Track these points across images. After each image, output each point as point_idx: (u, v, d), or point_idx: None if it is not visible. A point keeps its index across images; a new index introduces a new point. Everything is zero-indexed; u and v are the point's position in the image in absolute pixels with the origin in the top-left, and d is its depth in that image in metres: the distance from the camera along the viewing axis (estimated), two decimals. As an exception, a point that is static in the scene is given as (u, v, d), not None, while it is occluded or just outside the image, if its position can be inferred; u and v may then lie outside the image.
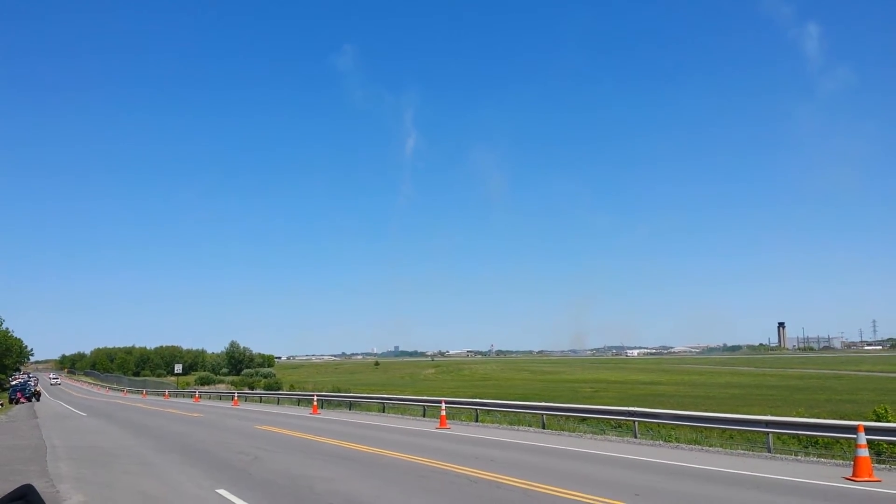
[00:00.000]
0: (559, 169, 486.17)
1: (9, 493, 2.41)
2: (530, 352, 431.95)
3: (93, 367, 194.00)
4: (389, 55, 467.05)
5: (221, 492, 11.17)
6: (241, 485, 11.85)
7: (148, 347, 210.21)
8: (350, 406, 37.06)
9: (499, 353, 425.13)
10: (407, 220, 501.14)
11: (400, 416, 30.93)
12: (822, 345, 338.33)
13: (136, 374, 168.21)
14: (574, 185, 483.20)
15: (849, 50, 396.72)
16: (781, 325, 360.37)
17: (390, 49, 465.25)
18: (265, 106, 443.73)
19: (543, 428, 23.30)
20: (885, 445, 16.23)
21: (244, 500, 10.42)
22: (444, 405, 25.83)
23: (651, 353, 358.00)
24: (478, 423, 26.12)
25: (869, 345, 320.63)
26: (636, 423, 20.34)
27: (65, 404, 54.17)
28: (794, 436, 18.17)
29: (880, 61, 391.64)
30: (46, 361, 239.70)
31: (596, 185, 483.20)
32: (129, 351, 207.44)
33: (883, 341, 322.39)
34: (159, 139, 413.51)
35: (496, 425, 25.25)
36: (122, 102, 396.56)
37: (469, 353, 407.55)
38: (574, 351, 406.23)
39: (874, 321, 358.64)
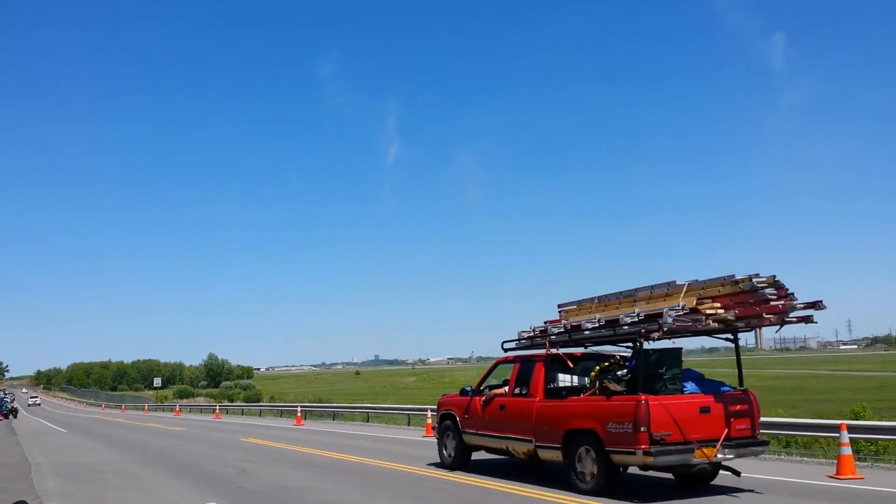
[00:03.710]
0: (540, 174, 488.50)
1: None
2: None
3: (69, 382, 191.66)
4: (372, 62, 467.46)
5: (212, 505, 11.17)
6: (231, 497, 11.83)
7: (125, 361, 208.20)
8: (334, 416, 36.98)
9: (479, 359, 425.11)
10: (388, 228, 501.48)
11: (385, 425, 30.94)
12: (798, 345, 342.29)
13: (114, 388, 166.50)
14: (555, 191, 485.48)
15: (814, 60, 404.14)
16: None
17: (373, 55, 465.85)
18: (245, 113, 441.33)
19: (528, 433, 23.40)
20: (864, 443, 16.51)
21: (236, 512, 10.42)
22: (429, 413, 25.86)
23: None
24: (463, 431, 26.16)
25: (845, 344, 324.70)
26: (621, 426, 20.48)
27: (43, 420, 53.48)
28: (774, 435, 18.44)
29: (845, 71, 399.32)
30: (21, 378, 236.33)
31: (577, 190, 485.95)
32: (105, 365, 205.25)
33: (858, 340, 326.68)
34: (133, 150, 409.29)
35: (481, 432, 25.31)
36: (96, 112, 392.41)
37: (450, 361, 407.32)
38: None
39: (849, 320, 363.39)
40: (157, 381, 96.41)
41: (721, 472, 11.59)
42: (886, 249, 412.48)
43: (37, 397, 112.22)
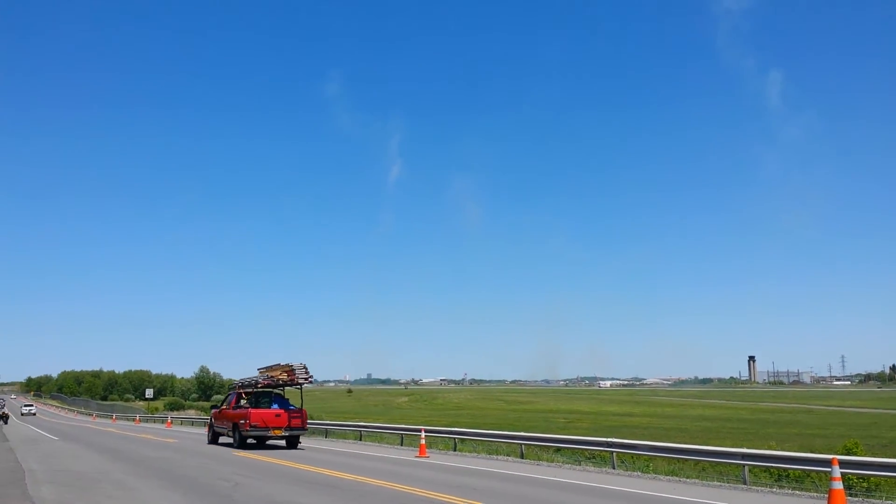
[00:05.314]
0: (535, 200, 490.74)
1: None
2: (504, 381, 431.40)
3: (59, 390, 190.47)
4: (376, 81, 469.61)
5: (209, 517, 11.21)
6: (228, 511, 11.89)
7: (116, 371, 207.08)
8: (326, 434, 36.95)
9: (472, 381, 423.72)
10: (385, 247, 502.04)
11: (377, 444, 30.92)
12: (791, 379, 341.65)
13: (104, 398, 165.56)
14: (549, 217, 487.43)
15: (810, 97, 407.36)
16: (752, 358, 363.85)
17: (377, 75, 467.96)
18: (249, 129, 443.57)
19: (522, 457, 23.45)
20: (855, 479, 16.63)
21: (233, 525, 10.48)
22: (423, 434, 25.90)
23: (623, 385, 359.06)
24: (456, 452, 26.22)
25: (838, 380, 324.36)
26: (614, 453, 20.57)
27: (34, 428, 53.25)
28: (767, 468, 18.52)
29: (839, 109, 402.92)
30: (12, 384, 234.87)
31: (570, 216, 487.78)
32: (96, 374, 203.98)
33: (851, 377, 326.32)
34: (136, 161, 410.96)
35: (474, 454, 25.37)
36: (100, 123, 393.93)
37: (442, 382, 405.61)
38: (547, 381, 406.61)
39: (843, 356, 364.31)
40: (150, 392, 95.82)
41: (301, 443, 28.70)
42: (882, 286, 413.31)
43: (31, 405, 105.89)
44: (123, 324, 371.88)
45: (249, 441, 26.90)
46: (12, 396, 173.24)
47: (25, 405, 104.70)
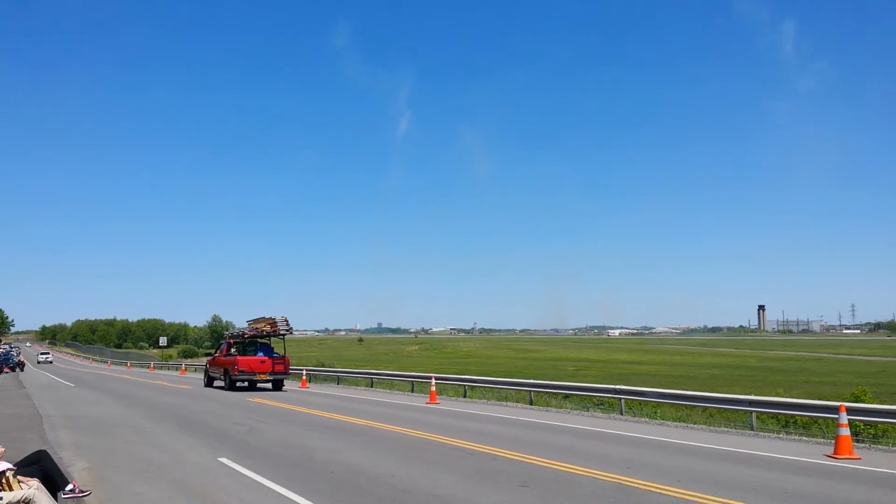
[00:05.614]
0: (546, 152, 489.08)
1: (25, 458, 2.38)
2: (513, 330, 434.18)
3: (74, 338, 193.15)
4: (385, 33, 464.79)
5: (223, 460, 11.40)
6: (242, 454, 12.09)
7: (130, 320, 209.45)
8: (338, 381, 37.38)
9: (482, 331, 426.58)
10: (395, 199, 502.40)
11: (388, 391, 31.28)
12: (801, 328, 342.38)
13: (118, 346, 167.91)
14: (560, 169, 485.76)
15: (824, 48, 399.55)
16: (761, 307, 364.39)
17: (386, 27, 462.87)
18: (257, 82, 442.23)
19: (531, 404, 23.70)
20: (862, 426, 16.74)
21: (248, 468, 10.65)
22: (434, 381, 26.18)
23: (632, 333, 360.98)
24: (466, 399, 26.51)
25: (847, 328, 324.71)
26: (622, 400, 20.75)
27: (50, 374, 54.15)
28: (774, 415, 18.66)
29: (854, 59, 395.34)
30: (27, 332, 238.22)
31: (581, 169, 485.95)
32: (110, 323, 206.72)
33: (861, 325, 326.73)
34: (147, 115, 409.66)
35: (484, 401, 25.64)
36: (111, 79, 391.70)
37: (452, 331, 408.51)
38: (556, 330, 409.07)
39: (853, 305, 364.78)
40: (163, 340, 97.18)
41: (285, 385, 31.53)
42: (892, 236, 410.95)
43: (48, 353, 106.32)
44: (137, 273, 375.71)
45: (238, 384, 30.07)
46: (27, 345, 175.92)
47: (42, 353, 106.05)
